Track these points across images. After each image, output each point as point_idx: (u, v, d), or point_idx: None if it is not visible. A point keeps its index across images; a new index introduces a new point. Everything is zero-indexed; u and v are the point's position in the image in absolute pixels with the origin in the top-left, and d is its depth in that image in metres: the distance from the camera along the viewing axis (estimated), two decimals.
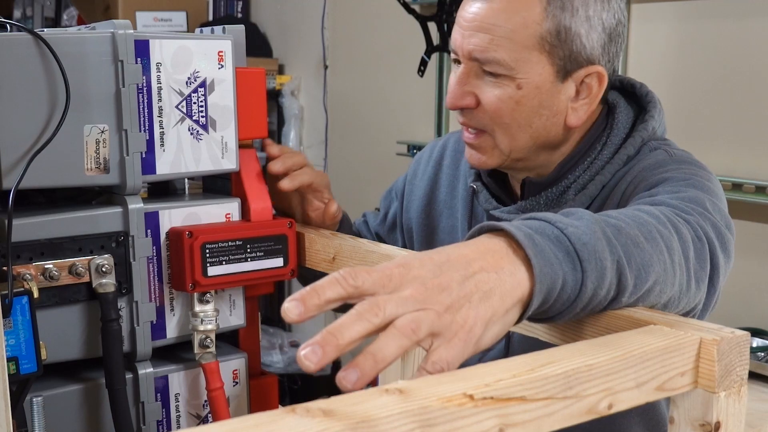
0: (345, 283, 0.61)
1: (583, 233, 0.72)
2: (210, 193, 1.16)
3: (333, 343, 0.58)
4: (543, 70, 1.09)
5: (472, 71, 1.12)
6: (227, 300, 1.10)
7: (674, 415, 0.71)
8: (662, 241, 0.79)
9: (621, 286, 0.74)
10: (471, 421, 0.55)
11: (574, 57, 1.09)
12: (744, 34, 2.19)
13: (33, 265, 0.95)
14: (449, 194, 1.33)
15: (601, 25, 1.09)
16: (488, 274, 0.65)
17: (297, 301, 0.60)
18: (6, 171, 0.94)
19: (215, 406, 1.06)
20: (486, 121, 1.13)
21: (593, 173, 1.14)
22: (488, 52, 1.09)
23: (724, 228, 0.93)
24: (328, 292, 0.61)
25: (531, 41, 1.07)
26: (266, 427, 0.50)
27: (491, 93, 1.11)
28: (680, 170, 1.05)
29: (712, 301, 0.94)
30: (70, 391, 1.02)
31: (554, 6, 1.07)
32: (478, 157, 1.17)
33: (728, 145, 2.23)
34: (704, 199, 0.96)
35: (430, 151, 1.41)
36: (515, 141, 1.13)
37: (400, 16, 2.83)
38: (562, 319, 0.73)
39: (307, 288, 0.61)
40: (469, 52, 1.11)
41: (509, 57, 1.08)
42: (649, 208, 0.86)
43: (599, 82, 1.12)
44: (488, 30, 1.08)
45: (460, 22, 1.12)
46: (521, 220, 0.73)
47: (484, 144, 1.15)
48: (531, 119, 1.11)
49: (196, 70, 1.03)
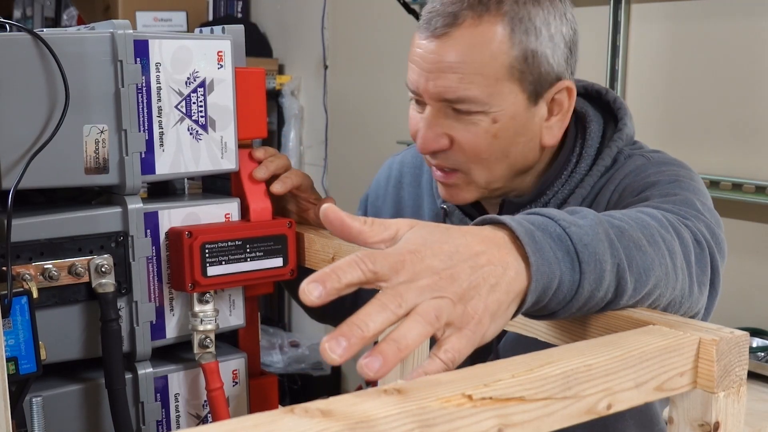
0: (364, 266, 0.60)
1: (585, 234, 0.71)
2: (209, 193, 1.16)
3: (358, 334, 0.57)
4: (516, 99, 1.06)
5: (441, 112, 1.07)
6: (227, 300, 1.10)
7: (673, 416, 0.71)
8: (664, 244, 0.79)
9: (620, 289, 0.74)
10: (470, 422, 0.55)
11: (543, 78, 1.07)
12: (743, 34, 2.19)
13: (32, 265, 0.95)
14: (415, 214, 1.29)
15: (562, 40, 1.07)
16: (495, 268, 0.64)
17: (317, 282, 0.58)
18: (5, 171, 0.94)
19: (215, 406, 1.06)
20: (461, 160, 1.10)
21: (572, 187, 1.12)
22: (459, 91, 1.04)
23: (716, 228, 0.93)
24: (348, 275, 0.59)
25: (501, 72, 1.04)
26: (265, 428, 0.50)
27: (466, 131, 1.07)
28: (663, 173, 1.05)
29: (714, 304, 0.94)
30: (70, 391, 1.02)
31: (519, 32, 1.04)
32: (455, 194, 1.14)
33: (728, 145, 2.23)
34: (694, 200, 0.95)
35: (387, 170, 1.38)
36: (492, 173, 1.11)
37: (400, 16, 2.83)
38: (557, 317, 0.73)
39: (327, 269, 0.59)
40: (437, 95, 1.06)
41: (482, 93, 1.04)
42: (651, 210, 0.86)
43: (569, 96, 1.10)
44: (455, 69, 1.04)
45: (418, 62, 1.07)
46: (524, 214, 0.73)
47: (458, 182, 1.12)
48: (508, 150, 1.09)
49: (195, 70, 1.03)
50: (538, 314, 0.73)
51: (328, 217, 0.63)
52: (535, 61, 1.06)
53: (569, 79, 1.10)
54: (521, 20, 1.04)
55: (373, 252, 0.61)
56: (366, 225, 0.64)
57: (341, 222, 0.64)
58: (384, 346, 0.58)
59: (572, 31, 1.10)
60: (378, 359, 0.57)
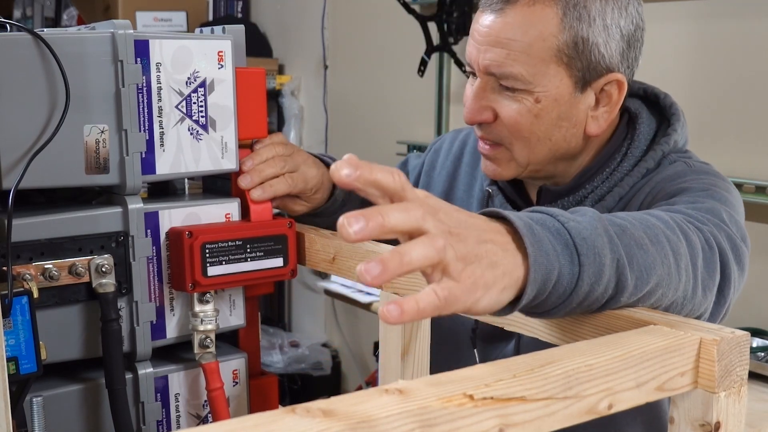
0: (397, 177, 0.61)
1: (584, 228, 0.72)
2: (210, 193, 1.16)
3: (378, 220, 0.59)
4: (561, 83, 1.07)
5: (488, 85, 1.10)
6: (227, 300, 1.10)
7: (674, 415, 0.71)
8: (668, 245, 0.79)
9: (620, 286, 0.74)
10: (471, 421, 0.55)
11: (593, 67, 1.07)
12: (745, 34, 2.19)
13: (33, 265, 0.95)
14: (466, 193, 1.32)
15: (619, 32, 1.07)
16: (496, 247, 0.65)
17: (351, 164, 0.60)
18: (6, 171, 0.94)
19: (215, 406, 1.06)
20: (504, 135, 1.11)
21: (612, 184, 1.12)
22: (505, 67, 1.06)
23: (739, 240, 0.93)
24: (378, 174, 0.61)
25: (548, 54, 1.05)
26: (266, 427, 0.50)
27: (509, 107, 1.09)
28: (699, 180, 1.04)
29: (721, 312, 0.93)
30: (70, 391, 1.02)
31: (571, 17, 1.05)
32: (494, 169, 1.15)
33: (728, 145, 2.23)
34: (721, 211, 0.95)
35: (450, 144, 1.39)
36: (534, 154, 1.11)
37: (400, 16, 2.83)
38: (558, 313, 0.73)
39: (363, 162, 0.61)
40: (485, 67, 1.08)
41: (526, 71, 1.06)
42: (659, 213, 0.86)
43: (619, 90, 1.10)
44: (504, 44, 1.06)
45: (475, 36, 1.10)
46: (525, 212, 0.73)
47: (500, 156, 1.14)
48: (550, 132, 1.10)
49: (195, 70, 1.03)
50: (539, 311, 0.73)
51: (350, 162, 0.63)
52: (586, 49, 1.06)
53: (622, 73, 1.10)
54: (575, 6, 1.05)
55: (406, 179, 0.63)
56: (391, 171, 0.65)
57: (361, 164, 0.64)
58: (388, 256, 0.59)
59: (633, 26, 1.09)
60: (379, 265, 0.58)
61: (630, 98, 1.17)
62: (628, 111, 1.17)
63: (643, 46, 1.12)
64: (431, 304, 0.61)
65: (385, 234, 0.59)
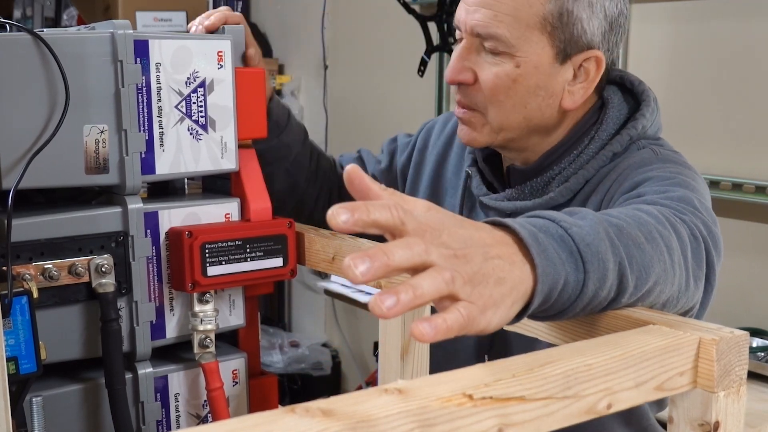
0: (395, 212, 0.60)
1: (587, 234, 0.72)
2: (209, 193, 1.16)
3: (383, 260, 0.58)
4: (542, 51, 1.11)
5: (473, 46, 1.14)
6: (227, 300, 1.10)
7: (673, 415, 0.71)
8: (662, 241, 0.80)
9: (621, 287, 0.74)
10: (470, 421, 0.55)
11: (575, 41, 1.11)
12: (744, 34, 2.19)
13: (33, 265, 0.95)
14: (455, 174, 1.34)
15: (603, 12, 1.11)
16: (503, 263, 0.65)
17: (346, 209, 0.59)
18: (6, 171, 0.94)
19: (215, 406, 1.06)
20: (480, 99, 1.15)
21: (577, 167, 1.15)
22: (490, 27, 1.10)
23: (712, 225, 0.94)
24: (377, 212, 0.60)
25: (533, 20, 1.09)
26: (265, 427, 0.50)
27: (489, 70, 1.13)
28: (664, 169, 1.06)
29: (709, 300, 0.94)
30: (70, 391, 1.02)
31: None
32: (468, 133, 1.18)
33: (728, 145, 2.23)
34: (692, 198, 0.96)
35: (443, 124, 1.41)
36: (507, 119, 1.14)
37: (400, 16, 2.83)
38: (562, 317, 0.73)
39: (359, 202, 0.60)
40: (471, 27, 1.12)
41: (510, 34, 1.10)
42: (647, 207, 0.86)
43: (597, 67, 1.13)
44: (492, 6, 1.10)
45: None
46: (526, 217, 0.73)
47: (474, 120, 1.17)
48: (526, 99, 1.13)
49: (195, 70, 1.03)
50: (543, 315, 0.73)
51: (350, 176, 0.63)
52: (569, 21, 1.10)
53: (602, 52, 1.13)
54: None
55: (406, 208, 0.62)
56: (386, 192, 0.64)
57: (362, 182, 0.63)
58: (401, 288, 0.58)
59: (617, 10, 1.13)
60: (392, 297, 0.58)
61: (607, 85, 1.19)
62: (602, 97, 1.19)
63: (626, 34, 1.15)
64: (457, 321, 0.60)
65: (390, 273, 0.59)
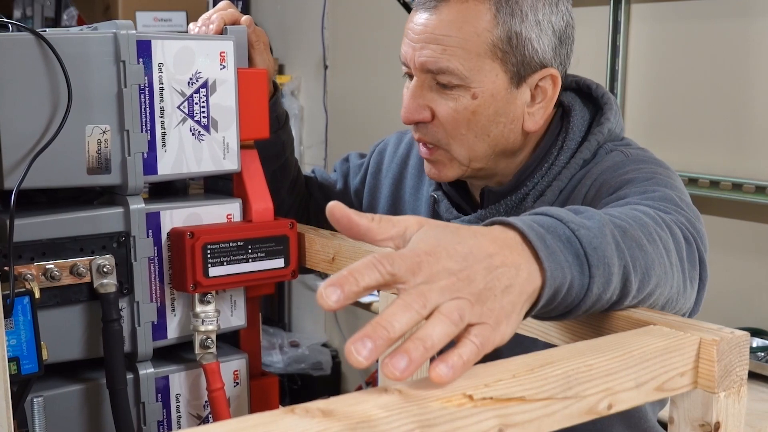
0: (382, 268, 0.58)
1: (594, 236, 0.71)
2: (211, 193, 1.16)
3: (384, 335, 0.56)
4: (497, 78, 1.09)
5: (425, 83, 1.12)
6: (228, 300, 1.10)
7: (674, 416, 0.71)
8: (661, 243, 0.80)
9: (625, 290, 0.74)
10: (470, 422, 0.55)
11: (527, 62, 1.10)
12: (743, 34, 2.19)
13: (34, 266, 0.95)
14: (413, 196, 1.32)
15: (551, 28, 1.10)
16: (508, 269, 0.63)
17: (335, 286, 0.57)
18: (8, 171, 0.94)
19: (216, 407, 1.06)
20: (441, 136, 1.13)
21: (550, 179, 1.14)
22: (441, 62, 1.09)
23: (696, 222, 0.94)
24: (366, 278, 0.58)
25: (483, 49, 1.08)
26: (266, 427, 0.50)
27: (446, 105, 1.11)
28: (640, 170, 1.05)
29: (702, 297, 0.94)
30: (71, 391, 1.02)
31: (504, 13, 1.08)
32: (437, 171, 1.17)
33: (728, 145, 2.23)
34: (672, 196, 0.96)
35: (395, 146, 1.39)
36: (474, 151, 1.13)
37: (400, 17, 2.83)
38: (565, 319, 0.73)
39: (344, 272, 0.58)
40: (421, 64, 1.10)
41: (462, 66, 1.08)
42: (643, 208, 0.86)
43: (553, 85, 1.12)
44: (440, 41, 1.08)
45: (409, 35, 1.12)
46: (531, 215, 0.72)
47: (440, 158, 1.15)
48: (488, 128, 1.12)
49: (198, 70, 1.04)
50: (545, 316, 0.73)
51: (334, 214, 0.63)
52: (519, 44, 1.09)
53: (556, 68, 1.12)
54: (507, 2, 1.08)
55: (390, 253, 0.59)
56: (374, 222, 0.63)
57: (348, 219, 0.62)
58: (410, 344, 0.56)
59: (564, 23, 1.12)
60: (404, 358, 0.55)
61: (563, 92, 1.18)
62: (561, 104, 1.18)
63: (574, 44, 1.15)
64: (473, 353, 0.59)
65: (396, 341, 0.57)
